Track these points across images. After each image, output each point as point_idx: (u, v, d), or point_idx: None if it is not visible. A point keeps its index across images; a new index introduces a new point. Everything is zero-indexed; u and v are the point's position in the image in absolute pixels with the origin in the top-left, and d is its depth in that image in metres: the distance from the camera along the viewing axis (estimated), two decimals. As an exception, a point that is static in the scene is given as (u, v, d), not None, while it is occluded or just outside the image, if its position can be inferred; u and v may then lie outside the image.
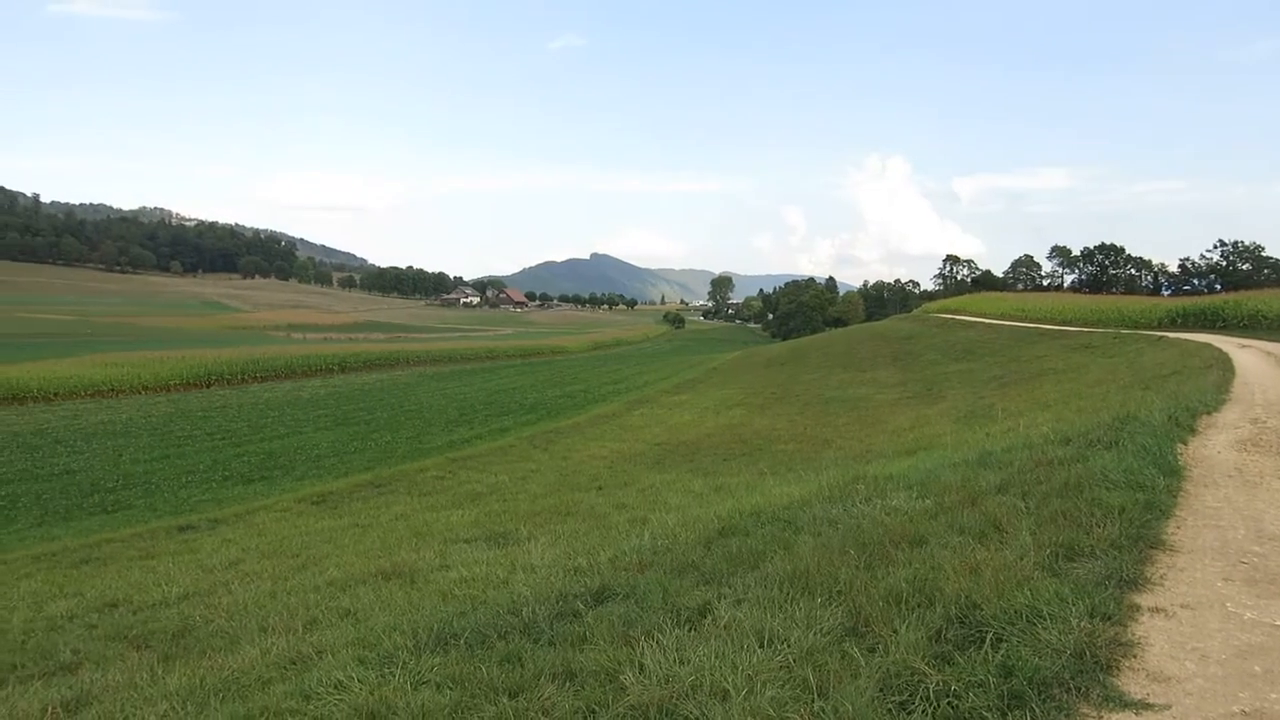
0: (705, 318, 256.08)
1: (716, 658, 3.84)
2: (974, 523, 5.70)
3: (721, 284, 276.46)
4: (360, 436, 30.47)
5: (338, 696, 4.10)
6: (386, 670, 4.41)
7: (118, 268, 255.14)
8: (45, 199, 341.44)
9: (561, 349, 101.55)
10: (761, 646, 3.95)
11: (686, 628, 4.40)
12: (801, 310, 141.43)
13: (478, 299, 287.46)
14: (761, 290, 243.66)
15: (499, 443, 27.99)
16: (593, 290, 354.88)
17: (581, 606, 5.11)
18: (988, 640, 3.72)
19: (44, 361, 51.58)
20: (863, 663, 3.65)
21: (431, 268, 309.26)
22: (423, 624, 5.20)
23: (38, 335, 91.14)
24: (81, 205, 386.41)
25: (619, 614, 4.77)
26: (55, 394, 43.09)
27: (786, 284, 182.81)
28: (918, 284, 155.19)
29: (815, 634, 4.02)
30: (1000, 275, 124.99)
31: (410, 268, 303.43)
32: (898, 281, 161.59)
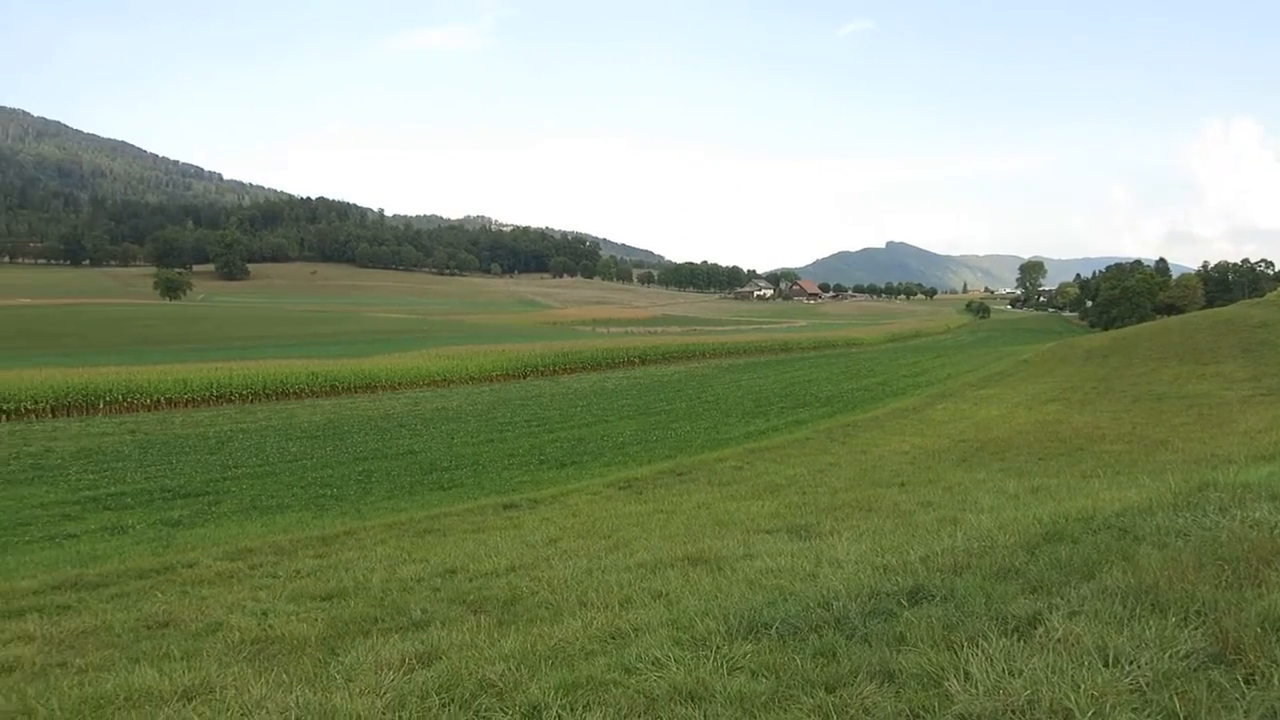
0: (1013, 306, 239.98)
1: (1052, 672, 3.53)
2: (1370, 542, 4.82)
3: (1031, 269, 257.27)
4: (660, 426, 31.64)
5: (657, 673, 4.23)
6: (701, 652, 4.49)
7: (448, 271, 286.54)
8: (389, 213, 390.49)
9: (856, 341, 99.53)
10: (1106, 665, 3.57)
11: (1014, 637, 4.09)
12: (1126, 296, 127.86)
13: (771, 291, 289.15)
14: (1078, 275, 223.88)
15: (795, 435, 27.87)
16: (888, 279, 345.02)
17: (895, 606, 4.91)
18: (1405, 684, 3.12)
19: (389, 355, 58.83)
20: (1239, 694, 3.20)
21: (725, 262, 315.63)
22: (733, 610, 5.24)
23: (384, 332, 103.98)
24: (417, 216, 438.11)
25: (937, 616, 4.54)
26: (399, 383, 49.07)
27: (1108, 267, 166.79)
28: (1271, 264, 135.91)
29: (1171, 657, 3.58)
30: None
31: (704, 262, 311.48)
32: (1245, 262, 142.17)
